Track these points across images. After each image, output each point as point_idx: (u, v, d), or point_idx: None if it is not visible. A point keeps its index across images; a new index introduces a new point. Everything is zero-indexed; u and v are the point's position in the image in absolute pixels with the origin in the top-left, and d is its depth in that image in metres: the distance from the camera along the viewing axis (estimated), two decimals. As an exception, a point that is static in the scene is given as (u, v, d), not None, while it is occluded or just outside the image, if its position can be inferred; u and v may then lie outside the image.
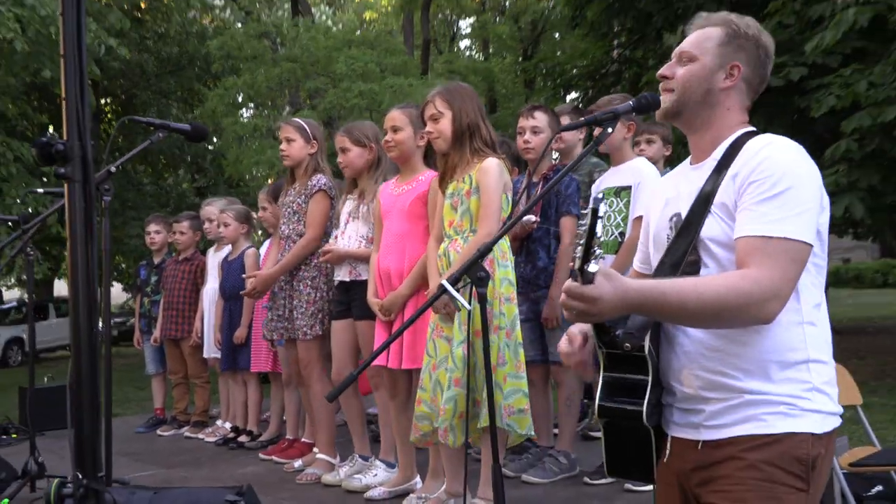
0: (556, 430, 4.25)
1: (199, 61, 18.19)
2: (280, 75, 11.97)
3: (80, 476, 1.75)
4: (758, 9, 9.68)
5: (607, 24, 14.31)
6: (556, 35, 20.26)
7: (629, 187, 3.73)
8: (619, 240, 3.74)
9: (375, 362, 3.64)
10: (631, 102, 2.10)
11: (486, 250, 2.33)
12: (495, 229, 3.13)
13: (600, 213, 1.59)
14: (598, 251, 1.62)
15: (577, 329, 1.98)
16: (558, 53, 16.63)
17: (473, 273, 2.38)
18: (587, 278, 1.60)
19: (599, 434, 4.64)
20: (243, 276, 4.74)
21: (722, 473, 1.77)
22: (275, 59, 12.54)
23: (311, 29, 12.95)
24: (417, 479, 3.81)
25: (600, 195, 1.63)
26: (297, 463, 4.53)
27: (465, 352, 3.10)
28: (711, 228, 1.81)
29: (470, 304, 2.41)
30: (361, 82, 11.17)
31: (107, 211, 3.21)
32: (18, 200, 10.54)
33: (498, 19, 21.42)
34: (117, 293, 26.83)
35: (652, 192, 2.20)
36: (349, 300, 4.03)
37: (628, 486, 3.67)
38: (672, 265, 1.87)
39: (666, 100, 1.91)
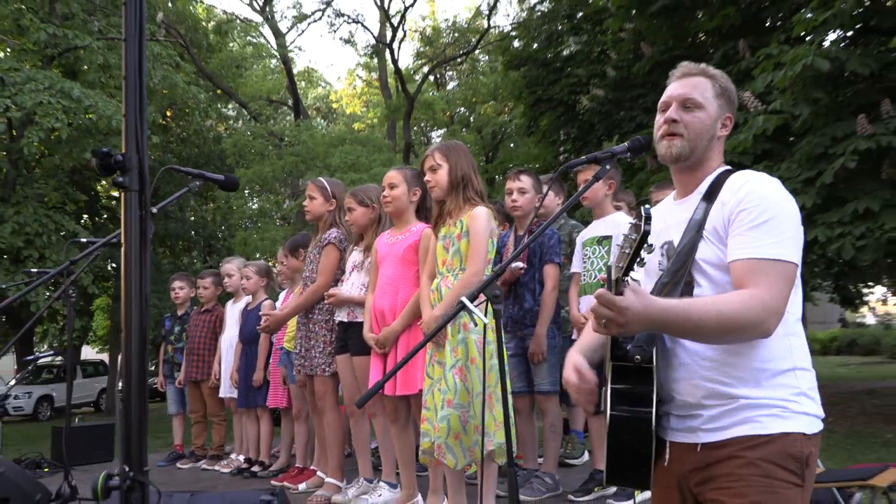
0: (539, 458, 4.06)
1: (214, 159, 18.17)
2: (284, 167, 11.97)
3: (127, 469, 1.57)
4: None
5: (556, 132, 14.64)
6: (512, 144, 20.70)
7: (610, 237, 3.66)
8: (601, 283, 3.62)
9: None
10: (627, 144, 2.03)
11: (500, 271, 2.23)
12: (482, 268, 3.08)
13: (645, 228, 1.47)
14: (641, 260, 1.52)
15: (580, 363, 1.86)
16: (514, 158, 16.97)
17: (490, 291, 2.26)
18: (619, 289, 1.50)
19: (575, 461, 4.47)
20: (262, 314, 4.53)
21: (722, 472, 1.65)
22: (279, 153, 12.57)
23: (310, 128, 13.07)
24: (419, 497, 3.57)
25: (647, 207, 1.46)
26: (302, 486, 4.25)
27: (458, 377, 2.98)
28: (704, 252, 1.73)
29: (485, 317, 2.27)
30: (353, 172, 11.21)
31: (148, 248, 3.02)
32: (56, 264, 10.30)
33: (464, 130, 21.81)
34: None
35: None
36: (347, 338, 3.89)
37: (610, 501, 3.46)
38: (672, 284, 1.75)
39: (677, 144, 1.80)
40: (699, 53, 11.44)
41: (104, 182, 17.77)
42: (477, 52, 20.52)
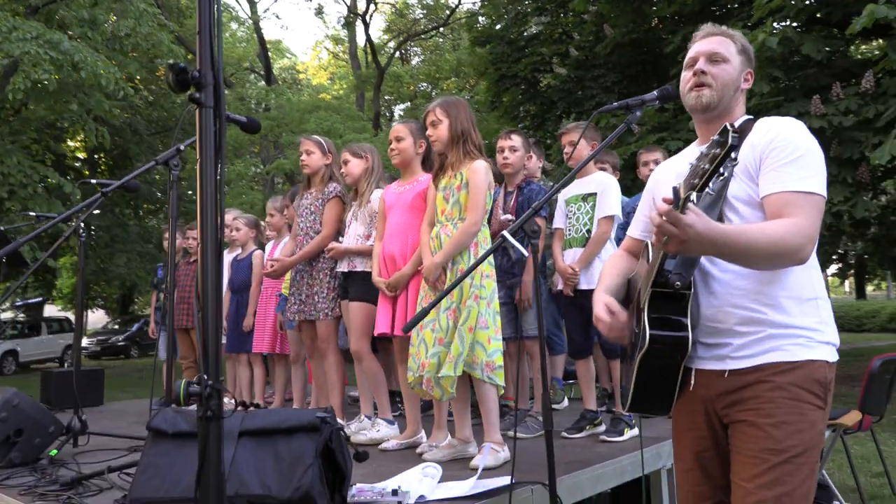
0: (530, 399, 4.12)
1: (184, 124, 17.65)
2: (264, 130, 11.75)
3: (206, 377, 1.56)
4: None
5: (518, 108, 14.71)
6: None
7: (594, 194, 3.69)
8: (587, 236, 3.67)
9: (380, 330, 3.50)
10: (655, 92, 2.06)
11: (539, 207, 2.25)
12: (480, 218, 3.11)
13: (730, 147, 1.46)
14: (721, 175, 1.52)
15: (609, 301, 1.91)
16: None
17: (529, 227, 2.28)
18: (685, 208, 1.51)
19: (558, 406, 4.51)
20: (268, 259, 4.42)
21: (751, 395, 1.71)
22: (256, 118, 12.34)
23: (284, 93, 12.85)
24: (423, 433, 3.60)
25: (735, 132, 1.45)
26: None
27: (451, 318, 3.01)
28: (735, 189, 1.78)
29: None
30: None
31: (175, 185, 2.95)
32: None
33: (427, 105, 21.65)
34: (100, 317, 25.34)
35: (658, 174, 2.12)
36: (346, 286, 3.89)
37: (603, 437, 3.55)
38: None
39: (706, 94, 1.86)
40: (659, 36, 11.61)
41: (72, 141, 17.14)
42: (441, 29, 20.36)
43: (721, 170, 1.50)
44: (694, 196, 1.54)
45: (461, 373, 3.03)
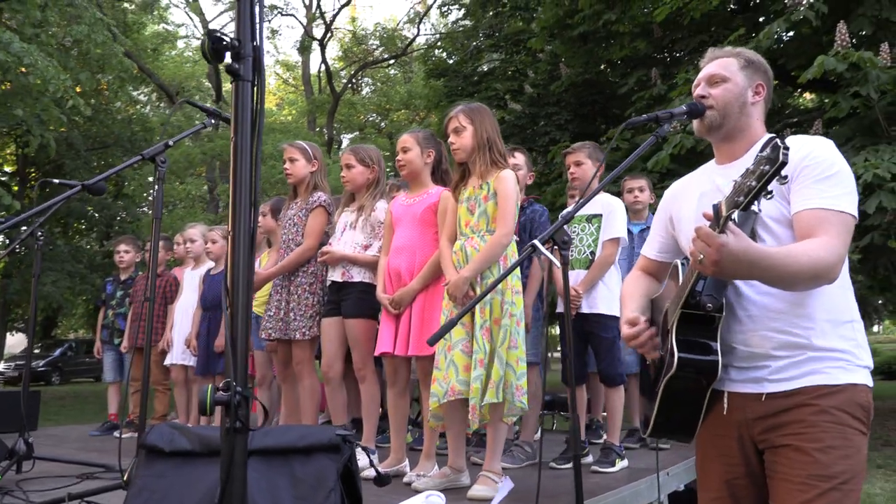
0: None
1: (123, 141, 16.94)
2: (213, 150, 11.33)
3: (234, 384, 1.36)
4: (599, 135, 10.26)
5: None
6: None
7: (600, 215, 3.61)
8: (590, 258, 3.58)
9: (381, 349, 3.28)
10: (684, 107, 2.00)
11: (569, 217, 2.15)
12: (511, 230, 2.97)
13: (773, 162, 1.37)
14: (769, 193, 1.42)
15: (632, 317, 1.87)
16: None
17: (560, 237, 2.15)
18: (723, 227, 1.44)
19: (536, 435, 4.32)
20: None
21: (794, 418, 1.63)
22: (210, 135, 11.90)
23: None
24: (406, 462, 3.37)
25: (785, 148, 1.35)
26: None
27: (486, 337, 2.84)
28: (768, 208, 1.71)
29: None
30: (280, 162, 10.82)
31: (161, 183, 2.69)
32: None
33: (375, 135, 21.56)
34: (19, 340, 23.76)
35: (674, 194, 2.07)
36: (339, 299, 3.62)
37: (594, 468, 3.41)
38: None
39: (708, 115, 1.84)
40: (613, 78, 11.88)
41: None
42: (392, 62, 20.38)
43: (769, 188, 1.40)
44: (736, 215, 1.46)
45: (502, 399, 2.84)
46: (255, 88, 1.48)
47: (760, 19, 9.53)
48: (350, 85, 20.04)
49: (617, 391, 3.51)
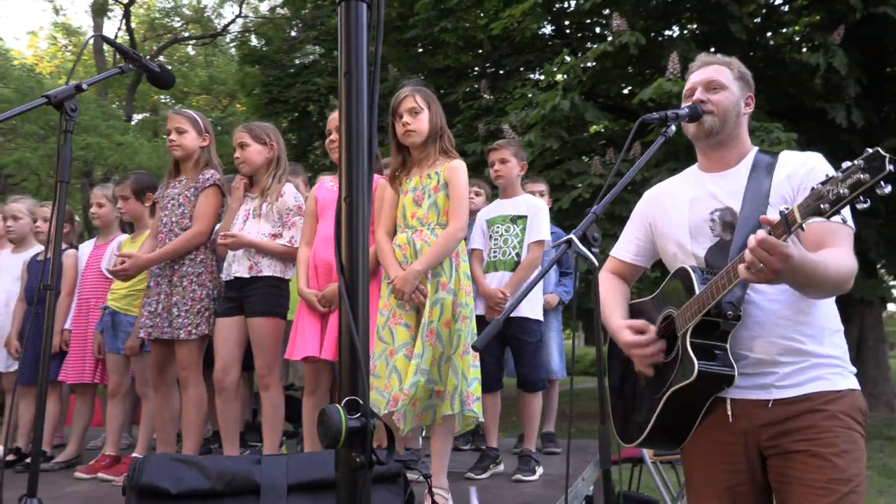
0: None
1: None
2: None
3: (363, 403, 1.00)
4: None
5: (286, 134, 14.04)
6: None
7: (525, 216, 3.48)
8: (516, 260, 3.42)
9: (305, 352, 2.86)
10: (687, 109, 1.97)
11: (600, 211, 1.97)
12: (465, 223, 2.72)
13: None
14: (862, 202, 1.36)
15: (633, 324, 1.85)
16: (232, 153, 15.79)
17: (591, 232, 1.96)
18: (792, 233, 1.42)
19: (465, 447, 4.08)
20: (117, 254, 3.32)
21: (805, 424, 1.66)
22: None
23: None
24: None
25: (892, 160, 1.30)
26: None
27: (428, 340, 2.56)
28: (773, 217, 1.73)
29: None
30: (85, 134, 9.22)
31: (69, 137, 2.04)
32: None
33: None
34: None
35: (656, 198, 2.05)
36: (242, 296, 3.10)
37: (518, 476, 3.22)
38: (743, 244, 1.71)
39: (708, 120, 1.85)
40: (442, 84, 11.98)
41: None
42: (206, 42, 18.66)
43: (862, 198, 1.37)
44: (817, 221, 1.42)
45: (459, 410, 2.55)
46: (374, 11, 1.12)
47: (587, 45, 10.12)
48: (154, 60, 17.97)
49: (536, 397, 3.40)
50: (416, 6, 10.35)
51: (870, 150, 1.31)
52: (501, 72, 11.31)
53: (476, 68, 11.59)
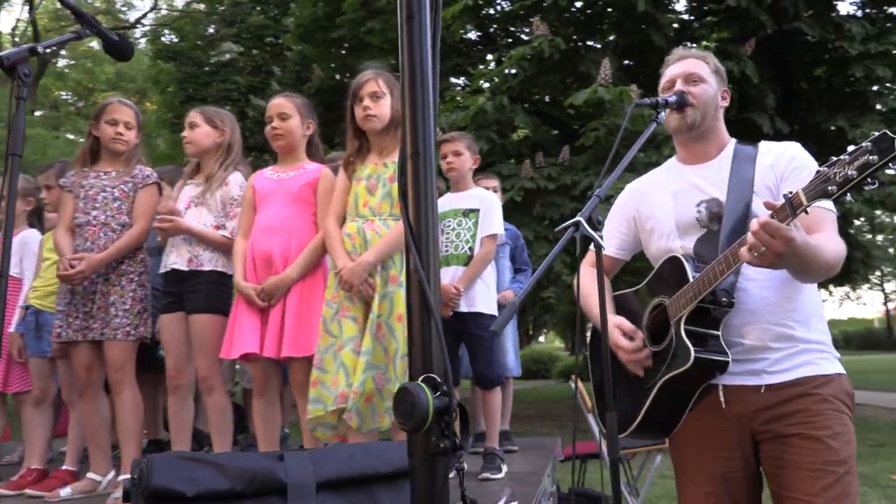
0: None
1: None
2: None
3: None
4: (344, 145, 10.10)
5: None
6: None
7: (477, 210, 3.43)
8: (469, 254, 3.37)
9: (244, 349, 2.71)
10: (675, 97, 1.99)
11: (603, 194, 1.96)
12: None
13: None
14: (871, 183, 1.40)
15: (624, 325, 1.85)
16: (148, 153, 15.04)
17: (595, 216, 1.94)
18: (797, 215, 1.44)
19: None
20: (69, 259, 2.99)
21: (798, 408, 1.70)
22: None
23: None
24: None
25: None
26: (65, 491, 2.94)
27: (377, 334, 2.49)
28: (758, 205, 1.80)
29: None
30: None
31: (22, 104, 1.84)
32: None
33: (74, 116, 18.47)
34: None
35: (639, 192, 2.08)
36: (182, 291, 2.94)
37: (485, 475, 3.10)
38: (731, 233, 1.76)
39: (689, 113, 1.87)
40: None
41: None
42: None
43: (870, 180, 1.40)
44: (826, 204, 1.50)
45: None
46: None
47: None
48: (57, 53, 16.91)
49: (495, 393, 3.35)
50: (343, 5, 10.19)
51: (876, 133, 1.34)
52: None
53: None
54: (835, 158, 1.41)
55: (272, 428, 2.79)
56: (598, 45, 9.27)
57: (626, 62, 9.18)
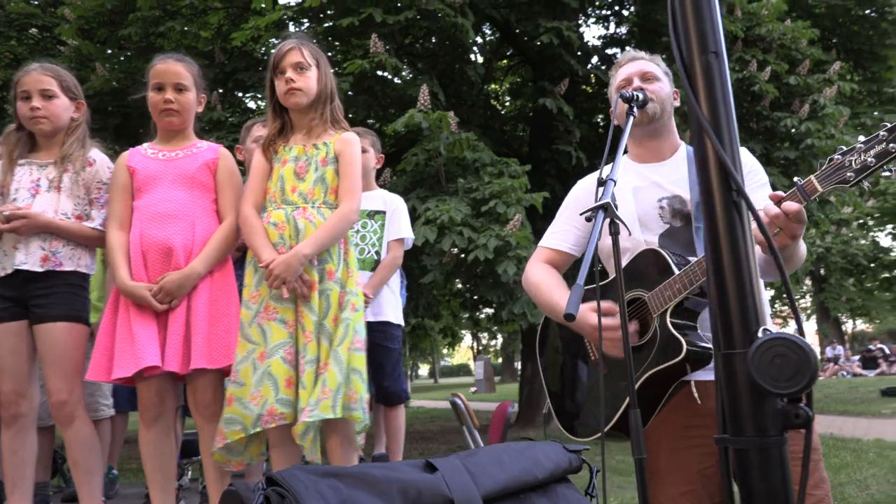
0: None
1: None
2: None
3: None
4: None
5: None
6: None
7: (383, 212, 3.18)
8: (376, 258, 3.10)
9: (147, 362, 2.19)
10: (640, 94, 2.04)
11: (613, 184, 1.88)
12: (360, 203, 2.36)
13: None
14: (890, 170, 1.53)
15: (609, 304, 1.83)
16: None
17: (615, 200, 1.86)
18: (810, 201, 1.53)
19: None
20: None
21: None
22: None
23: None
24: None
25: None
26: None
27: (312, 336, 2.17)
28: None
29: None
30: None
31: None
32: None
33: None
34: None
35: (593, 188, 2.05)
36: (27, 296, 2.33)
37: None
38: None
39: (650, 107, 1.94)
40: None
41: None
42: None
43: (886, 168, 1.48)
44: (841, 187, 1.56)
45: (340, 414, 2.10)
46: None
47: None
48: None
49: (399, 410, 3.09)
50: (137, 1, 9.19)
51: (889, 124, 1.39)
52: (232, 86, 10.61)
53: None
54: (845, 147, 1.47)
55: (168, 464, 2.25)
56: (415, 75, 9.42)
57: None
